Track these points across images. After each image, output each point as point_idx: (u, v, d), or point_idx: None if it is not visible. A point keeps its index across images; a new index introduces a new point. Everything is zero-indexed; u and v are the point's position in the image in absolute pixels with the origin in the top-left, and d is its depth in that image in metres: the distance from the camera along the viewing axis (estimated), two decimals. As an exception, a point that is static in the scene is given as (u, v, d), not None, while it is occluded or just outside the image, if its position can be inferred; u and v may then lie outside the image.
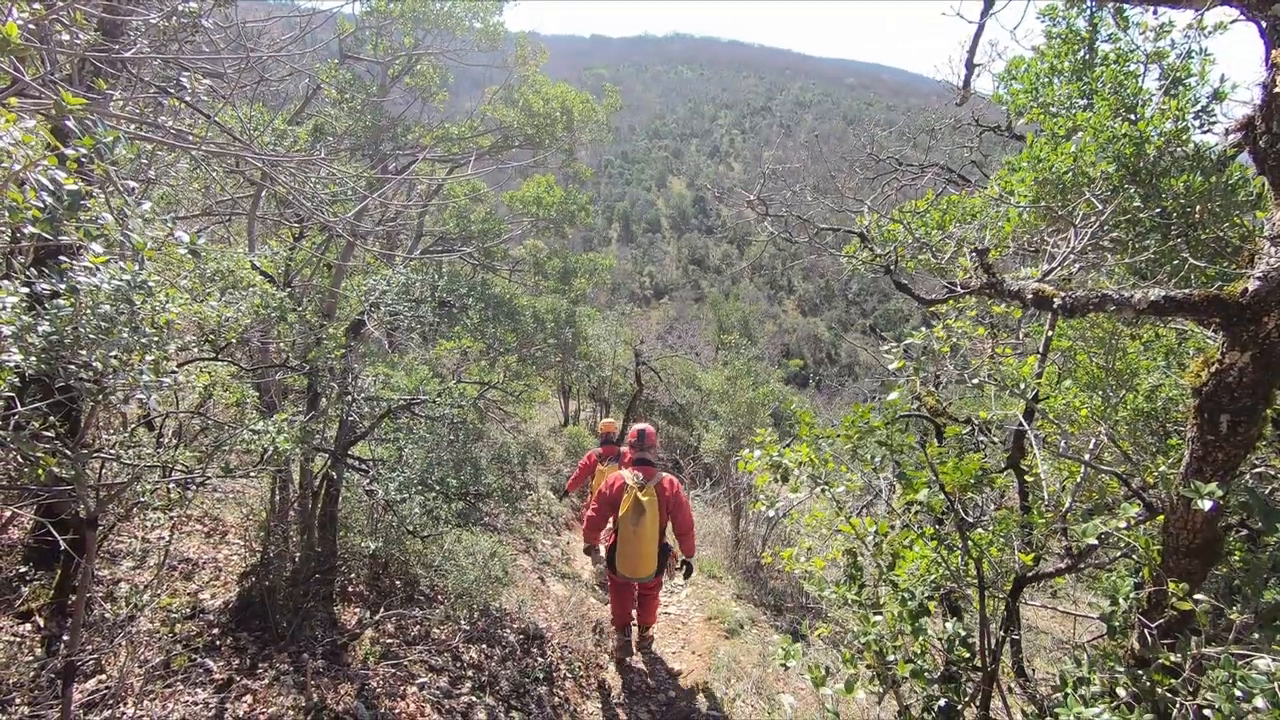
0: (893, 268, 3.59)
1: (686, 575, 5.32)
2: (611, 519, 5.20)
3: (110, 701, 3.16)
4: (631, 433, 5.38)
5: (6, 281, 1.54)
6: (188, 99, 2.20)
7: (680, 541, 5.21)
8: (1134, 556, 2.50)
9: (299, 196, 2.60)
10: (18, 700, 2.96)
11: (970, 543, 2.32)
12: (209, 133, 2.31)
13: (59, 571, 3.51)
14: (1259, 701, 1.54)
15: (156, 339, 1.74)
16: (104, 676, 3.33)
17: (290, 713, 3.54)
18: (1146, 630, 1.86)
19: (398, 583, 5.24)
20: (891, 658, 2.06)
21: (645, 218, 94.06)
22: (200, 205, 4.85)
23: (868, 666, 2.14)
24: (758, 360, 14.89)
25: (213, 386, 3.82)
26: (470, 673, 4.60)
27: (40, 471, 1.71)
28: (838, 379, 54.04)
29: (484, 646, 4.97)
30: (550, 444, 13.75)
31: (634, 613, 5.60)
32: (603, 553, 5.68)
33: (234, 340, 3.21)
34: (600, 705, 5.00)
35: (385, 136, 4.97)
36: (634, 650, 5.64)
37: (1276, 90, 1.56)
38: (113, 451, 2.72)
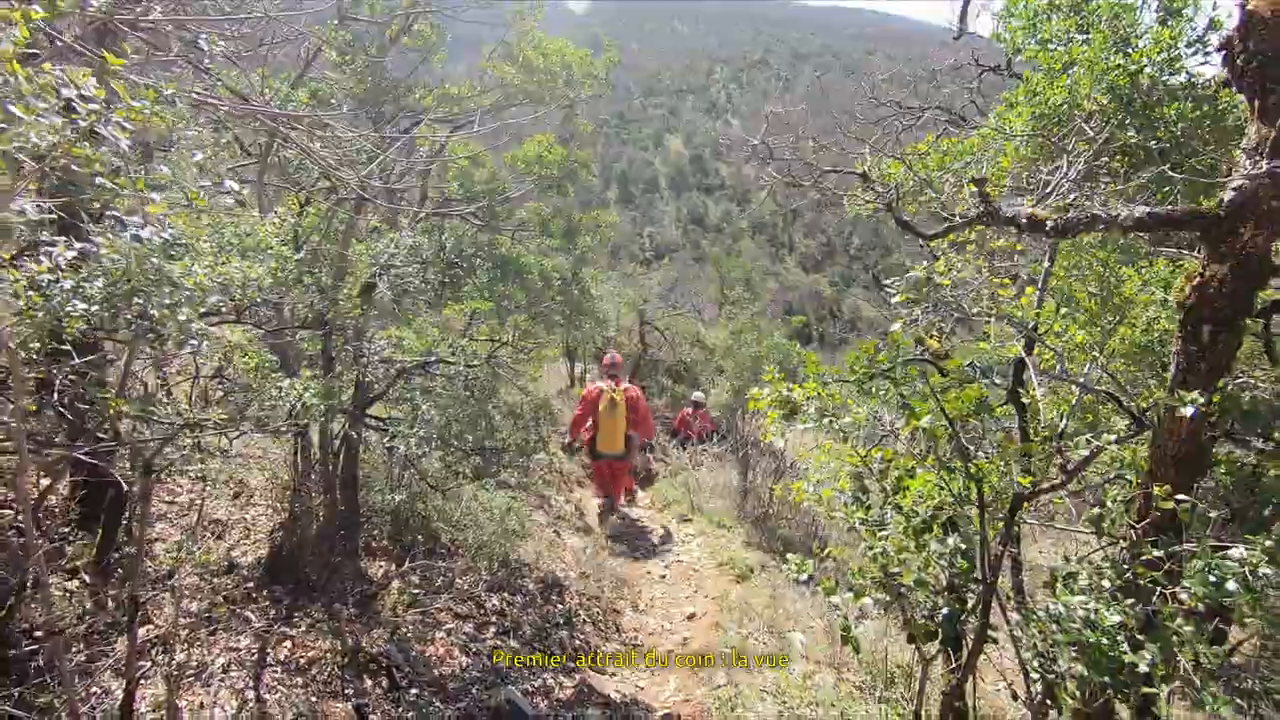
0: (894, 204, 3.65)
1: (649, 452, 8.18)
2: (591, 417, 7.41)
3: (161, 648, 3.36)
4: (605, 359, 7.84)
5: (62, 237, 1.63)
6: (206, 63, 2.26)
7: (639, 427, 7.54)
8: (1125, 476, 2.63)
9: (315, 156, 2.66)
10: (76, 648, 3.15)
11: (972, 465, 2.44)
12: (224, 95, 2.37)
13: (100, 532, 3.67)
14: (1231, 585, 1.68)
15: (198, 294, 1.83)
16: (152, 625, 3.52)
17: (328, 655, 3.75)
18: (1132, 529, 2.00)
19: (419, 537, 5.42)
20: (896, 569, 2.20)
21: (643, 178, 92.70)
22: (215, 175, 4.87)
23: (873, 579, 2.29)
24: (760, 317, 14.94)
25: (232, 350, 3.92)
26: (494, 619, 4.81)
27: (111, 409, 1.81)
28: (840, 334, 53.98)
29: (505, 595, 5.18)
30: (559, 405, 13.92)
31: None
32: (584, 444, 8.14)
33: (256, 301, 3.30)
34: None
35: (387, 99, 4.97)
36: (615, 509, 7.89)
37: (1251, 8, 1.62)
38: (145, 411, 2.83)
